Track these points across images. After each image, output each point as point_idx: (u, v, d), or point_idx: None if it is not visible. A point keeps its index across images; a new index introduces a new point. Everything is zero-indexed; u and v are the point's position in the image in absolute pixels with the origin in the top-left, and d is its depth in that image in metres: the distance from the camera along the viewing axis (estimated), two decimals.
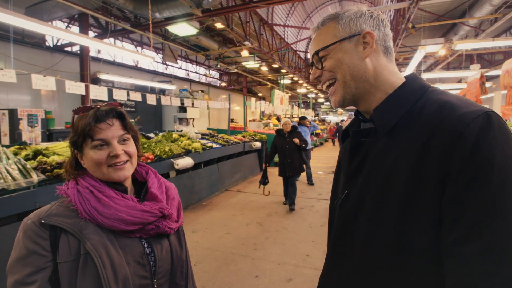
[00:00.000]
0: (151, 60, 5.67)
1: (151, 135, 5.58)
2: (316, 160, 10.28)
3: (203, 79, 17.70)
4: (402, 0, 6.34)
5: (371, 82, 0.67)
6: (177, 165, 4.51)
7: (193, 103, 7.51)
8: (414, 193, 0.55)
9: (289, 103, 16.46)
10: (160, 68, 14.31)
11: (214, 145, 6.05)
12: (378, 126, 0.65)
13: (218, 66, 12.62)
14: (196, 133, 6.24)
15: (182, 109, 7.80)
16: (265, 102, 10.70)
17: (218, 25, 7.36)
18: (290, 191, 4.83)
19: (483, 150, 0.49)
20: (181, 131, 6.33)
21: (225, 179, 6.36)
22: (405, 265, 0.57)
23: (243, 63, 12.33)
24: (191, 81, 15.91)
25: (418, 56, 6.70)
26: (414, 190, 0.55)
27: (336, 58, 0.67)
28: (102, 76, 8.69)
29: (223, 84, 19.05)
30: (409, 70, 8.49)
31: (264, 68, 13.37)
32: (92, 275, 0.71)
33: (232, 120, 12.87)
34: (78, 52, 8.68)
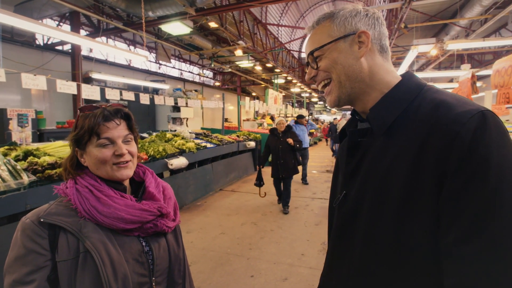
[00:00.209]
0: (144, 59, 5.61)
1: (145, 135, 5.54)
2: (310, 159, 10.28)
3: (197, 79, 17.62)
4: (395, 0, 6.40)
5: (367, 82, 0.66)
6: (171, 165, 4.48)
7: (187, 103, 7.47)
8: (412, 193, 0.55)
9: (283, 103, 16.50)
10: (154, 68, 14.18)
11: (208, 145, 6.02)
12: (375, 126, 0.65)
13: (212, 66, 12.57)
14: (190, 133, 6.21)
15: (176, 109, 7.76)
16: (259, 102, 10.66)
17: (212, 24, 7.33)
18: (284, 195, 4.71)
19: (479, 149, 0.49)
20: (175, 131, 6.30)
21: (220, 179, 6.34)
22: (405, 265, 0.58)
23: (237, 63, 12.30)
24: (185, 81, 15.82)
25: (411, 56, 6.77)
26: (412, 190, 0.55)
27: (331, 58, 0.67)
28: (94, 76, 8.55)
29: (217, 84, 18.98)
30: (402, 70, 8.57)
31: (258, 68, 13.35)
32: (92, 273, 0.71)
33: (226, 120, 12.82)
34: (70, 51, 8.52)
